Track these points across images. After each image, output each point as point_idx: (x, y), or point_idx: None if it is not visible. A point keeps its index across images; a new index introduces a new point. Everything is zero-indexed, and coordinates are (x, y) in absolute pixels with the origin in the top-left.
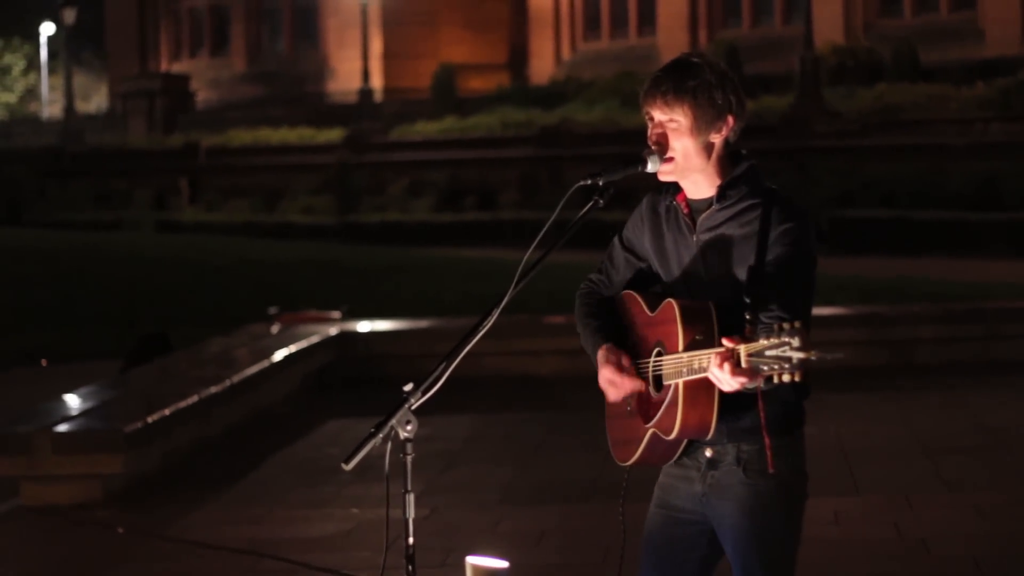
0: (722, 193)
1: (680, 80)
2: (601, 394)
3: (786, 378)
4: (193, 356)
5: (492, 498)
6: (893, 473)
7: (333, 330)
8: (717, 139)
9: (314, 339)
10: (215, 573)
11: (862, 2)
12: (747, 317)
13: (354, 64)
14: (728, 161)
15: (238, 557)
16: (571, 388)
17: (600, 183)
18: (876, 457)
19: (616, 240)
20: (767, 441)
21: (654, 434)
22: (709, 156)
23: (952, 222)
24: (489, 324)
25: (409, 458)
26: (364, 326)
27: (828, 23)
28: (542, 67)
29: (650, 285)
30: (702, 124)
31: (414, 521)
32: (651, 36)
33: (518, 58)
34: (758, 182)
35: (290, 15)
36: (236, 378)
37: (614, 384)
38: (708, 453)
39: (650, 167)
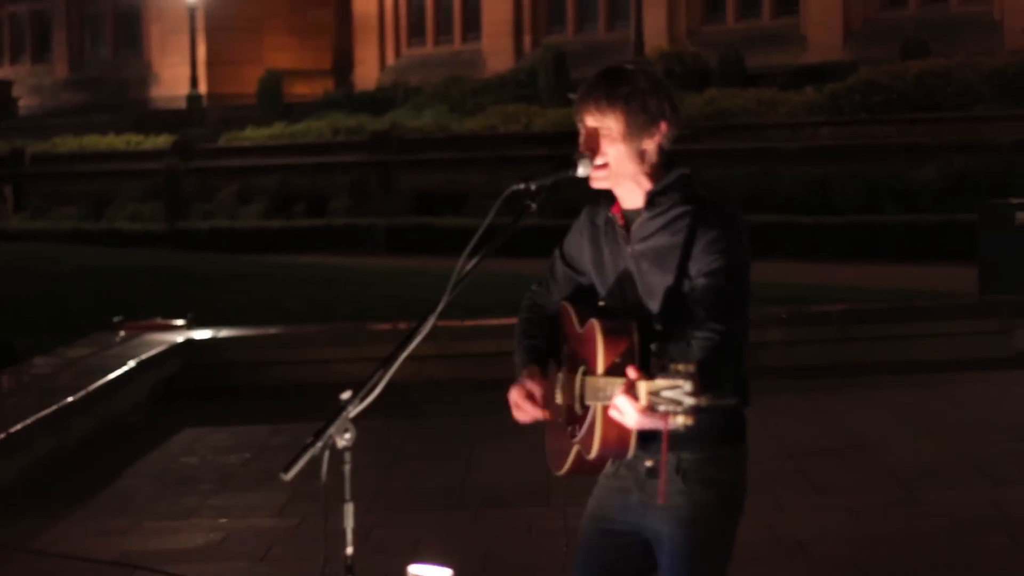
0: (651, 200)
1: (612, 87)
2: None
3: (680, 420)
4: (42, 366)
5: (360, 506)
6: (760, 476)
7: (180, 338)
8: (650, 145)
9: (162, 347)
10: None
11: (686, 8)
12: (652, 349)
13: (178, 70)
14: (662, 169)
15: (111, 569)
16: (423, 395)
17: (532, 188)
18: None
19: (556, 253)
20: (662, 480)
21: (579, 450)
22: (642, 163)
23: (786, 225)
24: (427, 330)
25: (347, 467)
26: (210, 334)
27: (652, 28)
28: (367, 73)
29: (591, 298)
30: (634, 130)
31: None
32: (476, 41)
33: (343, 64)
34: (689, 189)
35: (113, 21)
36: (91, 387)
37: (518, 407)
38: (648, 463)
39: (580, 171)
